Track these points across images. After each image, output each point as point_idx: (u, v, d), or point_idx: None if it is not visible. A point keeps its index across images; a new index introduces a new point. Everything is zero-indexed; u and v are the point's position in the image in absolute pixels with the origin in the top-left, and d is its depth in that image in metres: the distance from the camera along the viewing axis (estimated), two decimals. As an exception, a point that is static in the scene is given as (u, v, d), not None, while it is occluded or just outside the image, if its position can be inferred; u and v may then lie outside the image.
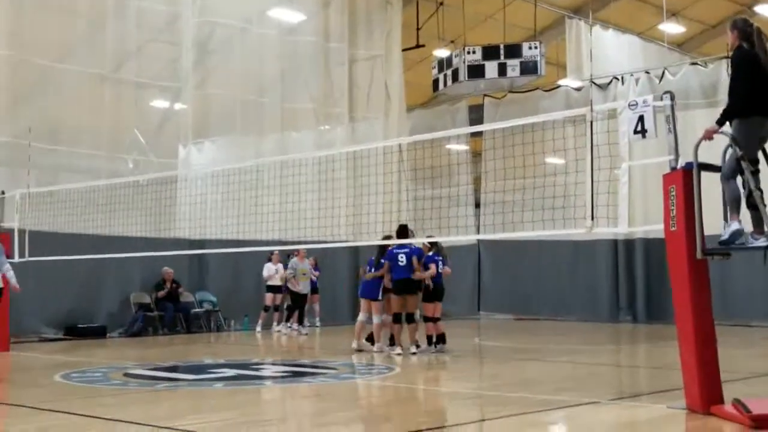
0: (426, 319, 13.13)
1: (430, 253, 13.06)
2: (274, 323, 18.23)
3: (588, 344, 15.62)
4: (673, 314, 7.51)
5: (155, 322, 17.64)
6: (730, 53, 7.53)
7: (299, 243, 17.27)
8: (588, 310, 21.46)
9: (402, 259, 12.70)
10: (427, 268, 12.81)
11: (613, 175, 8.92)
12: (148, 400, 8.77)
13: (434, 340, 13.13)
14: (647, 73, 20.63)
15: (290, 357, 13.76)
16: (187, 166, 18.77)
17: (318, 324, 19.22)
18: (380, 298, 12.98)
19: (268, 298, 18.22)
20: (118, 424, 6.98)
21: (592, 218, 8.36)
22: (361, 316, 13.59)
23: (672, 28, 24.15)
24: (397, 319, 12.87)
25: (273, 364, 12.18)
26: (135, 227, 15.84)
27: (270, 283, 18.21)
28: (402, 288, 12.71)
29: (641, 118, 7.75)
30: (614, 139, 10.11)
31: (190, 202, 16.02)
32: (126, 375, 10.49)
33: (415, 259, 12.69)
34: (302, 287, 17.83)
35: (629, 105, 7.90)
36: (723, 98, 20.59)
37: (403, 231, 13.04)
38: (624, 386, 10.29)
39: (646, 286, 20.85)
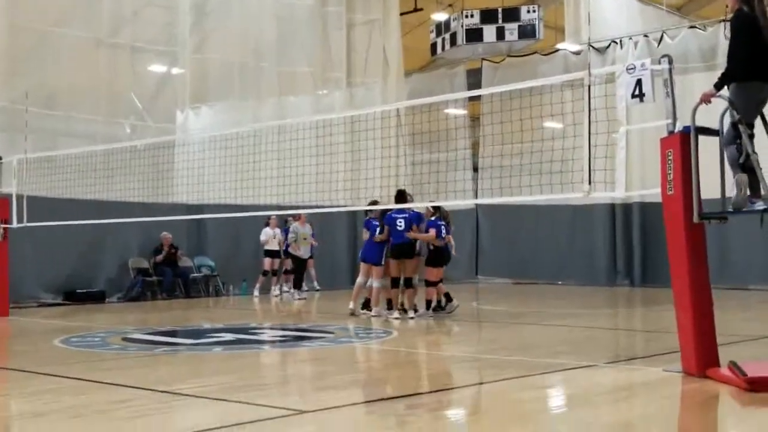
0: (427, 283, 13.18)
1: (433, 218, 13.05)
2: (273, 287, 18.29)
3: (585, 308, 15.69)
4: (670, 278, 7.55)
5: (154, 287, 17.70)
6: (729, 16, 7.48)
7: (297, 208, 17.25)
8: (586, 274, 21.52)
9: (401, 224, 12.75)
10: (426, 232, 12.84)
11: (611, 139, 8.90)
12: (147, 364, 8.83)
13: (433, 304, 13.20)
14: (646, 36, 20.50)
15: (288, 321, 13.83)
16: (184, 131, 18.72)
17: (318, 287, 19.28)
18: (382, 263, 13.02)
19: (266, 262, 18.25)
20: (117, 388, 7.03)
21: (590, 182, 8.36)
22: (359, 280, 13.62)
23: (671, -10, 23.96)
24: (394, 283, 12.94)
25: (271, 329, 12.25)
26: (133, 192, 15.82)
27: (268, 247, 18.24)
28: (400, 252, 12.78)
29: (639, 82, 7.72)
30: (612, 103, 10.07)
31: (187, 167, 15.96)
32: (125, 339, 10.55)
33: (414, 225, 12.75)
34: (303, 252, 17.88)
35: (627, 69, 7.87)
36: (722, 61, 20.46)
37: (400, 196, 13.07)
38: (621, 350, 10.36)
39: (643, 251, 20.88)
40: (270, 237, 18.28)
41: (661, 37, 20.01)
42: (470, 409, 6.61)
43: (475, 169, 23.23)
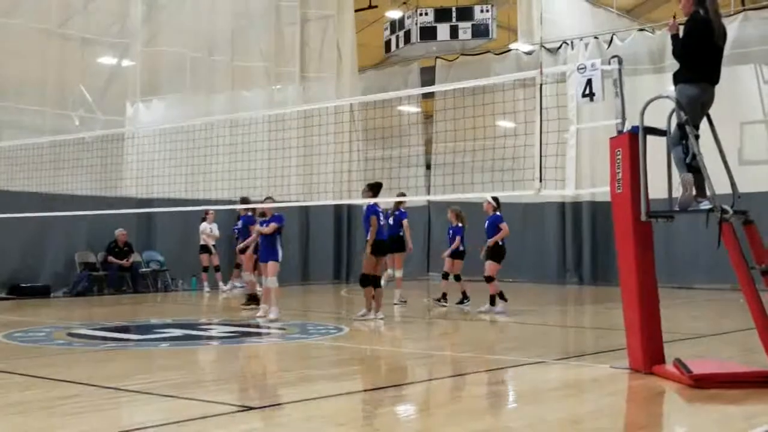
0: (487, 279, 13.47)
1: (497, 213, 13.59)
2: (220, 283, 18.19)
3: (535, 305, 15.81)
4: (618, 277, 7.64)
5: (101, 282, 17.45)
6: (678, 18, 7.57)
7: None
8: (536, 271, 21.69)
9: (383, 219, 12.50)
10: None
11: (561, 137, 8.99)
12: (94, 359, 8.70)
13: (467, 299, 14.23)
14: (596, 38, 20.74)
15: (238, 317, 13.73)
16: (134, 124, 18.50)
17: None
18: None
19: (203, 258, 18.19)
20: (63, 383, 6.91)
21: (541, 180, 8.43)
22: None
23: (621, -6, 24.26)
24: (366, 281, 12.23)
25: (220, 324, 12.16)
26: (81, 185, 15.58)
27: (203, 243, 18.13)
28: (381, 248, 12.37)
29: (589, 82, 7.81)
30: (563, 102, 10.21)
31: (137, 160, 15.79)
32: (70, 335, 10.38)
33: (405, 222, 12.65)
34: None
35: (578, 68, 7.95)
36: (670, 63, 20.85)
37: (377, 188, 12.53)
38: (569, 346, 10.45)
39: (593, 249, 21.14)
40: (207, 231, 18.14)
41: (611, 39, 20.25)
42: (422, 404, 6.62)
43: (428, 167, 23.29)
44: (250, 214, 14.23)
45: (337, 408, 6.21)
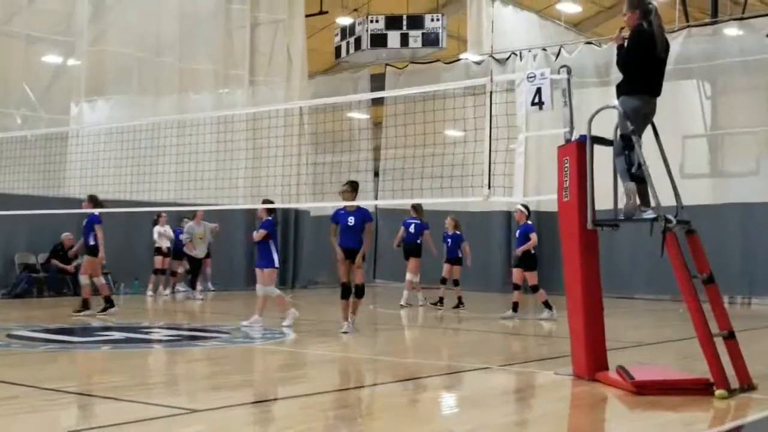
0: (533, 289, 14.00)
1: (529, 222, 13.68)
2: (160, 287, 17.98)
3: (481, 312, 15.89)
4: (562, 285, 7.72)
5: (41, 284, 17.10)
6: (625, 31, 7.69)
7: (196, 205, 17.00)
8: (481, 279, 21.75)
9: (351, 221, 11.09)
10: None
11: (510, 146, 9.08)
12: (33, 361, 8.51)
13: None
14: (544, 50, 20.99)
15: (182, 321, 13.58)
16: (79, 125, 18.20)
17: (211, 288, 19.02)
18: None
19: (157, 261, 17.96)
20: (1, 385, 6.75)
21: (489, 187, 8.49)
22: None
23: (569, 7, 24.56)
24: (362, 292, 11.13)
25: (163, 328, 12.00)
26: (22, 184, 15.27)
27: (158, 245, 17.95)
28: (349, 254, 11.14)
29: (539, 90, 7.89)
30: (512, 111, 10.31)
31: (81, 160, 15.52)
32: (9, 336, 10.14)
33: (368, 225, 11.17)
34: (198, 251, 17.64)
35: (528, 77, 8.03)
36: (615, 77, 21.19)
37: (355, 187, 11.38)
38: (514, 353, 10.52)
39: (538, 258, 21.29)
40: (161, 234, 17.95)
41: (559, 51, 20.51)
42: (366, 410, 6.60)
43: (376, 174, 23.31)
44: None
45: (283, 412, 6.17)
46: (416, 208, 15.92)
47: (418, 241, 16.06)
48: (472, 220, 22.00)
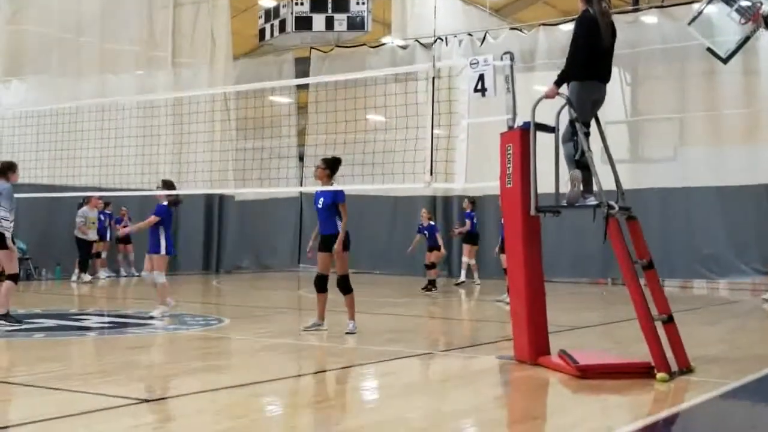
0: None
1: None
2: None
3: (407, 297, 15.96)
4: (486, 268, 7.81)
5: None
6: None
7: (119, 190, 16.68)
8: (406, 264, 21.89)
9: (320, 203, 10.08)
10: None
11: (449, 132, 9.11)
12: (-39, 352, 8.22)
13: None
14: (470, 35, 21.13)
15: (111, 307, 13.29)
16: (-6, 106, 17.59)
17: (135, 274, 18.74)
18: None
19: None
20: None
21: (432, 173, 8.51)
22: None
23: (492, -7, 24.78)
24: (347, 284, 10.12)
25: (95, 315, 11.70)
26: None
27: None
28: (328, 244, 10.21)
29: (482, 77, 7.93)
30: (446, 97, 10.36)
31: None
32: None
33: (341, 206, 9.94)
34: (91, 235, 17.89)
35: (470, 63, 8.06)
36: (540, 63, 21.34)
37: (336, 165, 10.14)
38: (451, 338, 10.57)
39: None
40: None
41: (484, 36, 20.67)
42: (310, 398, 6.54)
43: (301, 158, 23.17)
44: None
45: (230, 401, 6.09)
46: (473, 201, 17.88)
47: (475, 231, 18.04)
48: (395, 205, 22.13)
